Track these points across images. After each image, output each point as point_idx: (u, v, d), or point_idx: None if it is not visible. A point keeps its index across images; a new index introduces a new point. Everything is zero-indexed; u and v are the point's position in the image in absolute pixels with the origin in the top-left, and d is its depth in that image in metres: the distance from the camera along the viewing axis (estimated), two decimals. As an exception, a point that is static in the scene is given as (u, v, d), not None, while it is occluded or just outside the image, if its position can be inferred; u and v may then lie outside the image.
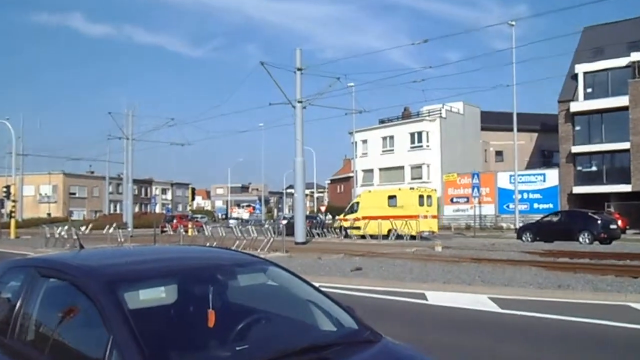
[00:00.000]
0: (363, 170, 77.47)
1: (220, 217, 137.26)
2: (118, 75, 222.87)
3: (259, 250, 28.36)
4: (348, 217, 48.10)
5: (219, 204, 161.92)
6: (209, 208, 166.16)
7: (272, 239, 31.17)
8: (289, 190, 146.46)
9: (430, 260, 24.18)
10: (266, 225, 42.66)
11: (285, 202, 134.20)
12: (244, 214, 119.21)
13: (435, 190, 49.62)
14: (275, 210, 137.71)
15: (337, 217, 53.26)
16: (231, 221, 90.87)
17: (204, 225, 50.45)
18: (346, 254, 27.31)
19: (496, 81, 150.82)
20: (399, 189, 48.45)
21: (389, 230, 43.17)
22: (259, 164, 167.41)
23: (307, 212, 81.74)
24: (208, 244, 26.28)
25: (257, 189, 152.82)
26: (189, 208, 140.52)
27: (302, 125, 40.91)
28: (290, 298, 5.44)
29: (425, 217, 43.90)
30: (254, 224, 44.60)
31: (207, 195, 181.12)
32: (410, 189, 46.82)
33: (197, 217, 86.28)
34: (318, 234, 47.77)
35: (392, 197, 45.52)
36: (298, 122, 40.76)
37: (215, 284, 5.11)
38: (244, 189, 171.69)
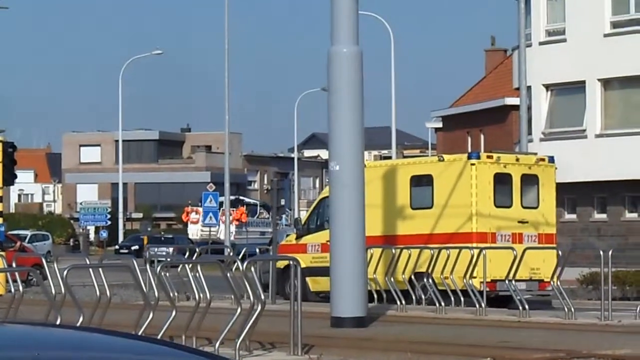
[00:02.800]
0: (550, 87, 31.79)
1: (93, 236, 64.45)
2: None
3: (217, 344, 11.35)
4: (308, 238, 21.55)
5: (86, 192, 71.08)
6: (56, 209, 78.38)
7: (258, 309, 11.60)
8: (309, 153, 79.73)
9: None
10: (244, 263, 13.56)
11: (299, 190, 61.32)
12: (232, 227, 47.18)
13: (548, 160, 20.74)
14: (269, 213, 43.59)
15: (284, 241, 23.94)
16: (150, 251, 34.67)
17: (43, 263, 17.62)
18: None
19: None
20: (439, 159, 21.67)
21: (416, 275, 18.60)
22: (218, 75, 68.50)
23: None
24: (60, 321, 11.38)
25: (207, 148, 75.07)
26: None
27: None
28: None
29: (517, 238, 19.47)
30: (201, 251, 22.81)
31: (52, 168, 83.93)
32: (469, 157, 20.19)
33: (19, 238, 36.13)
34: (410, 292, 19.18)
35: (419, 181, 20.73)
36: None
37: None
38: (169, 146, 79.46)
